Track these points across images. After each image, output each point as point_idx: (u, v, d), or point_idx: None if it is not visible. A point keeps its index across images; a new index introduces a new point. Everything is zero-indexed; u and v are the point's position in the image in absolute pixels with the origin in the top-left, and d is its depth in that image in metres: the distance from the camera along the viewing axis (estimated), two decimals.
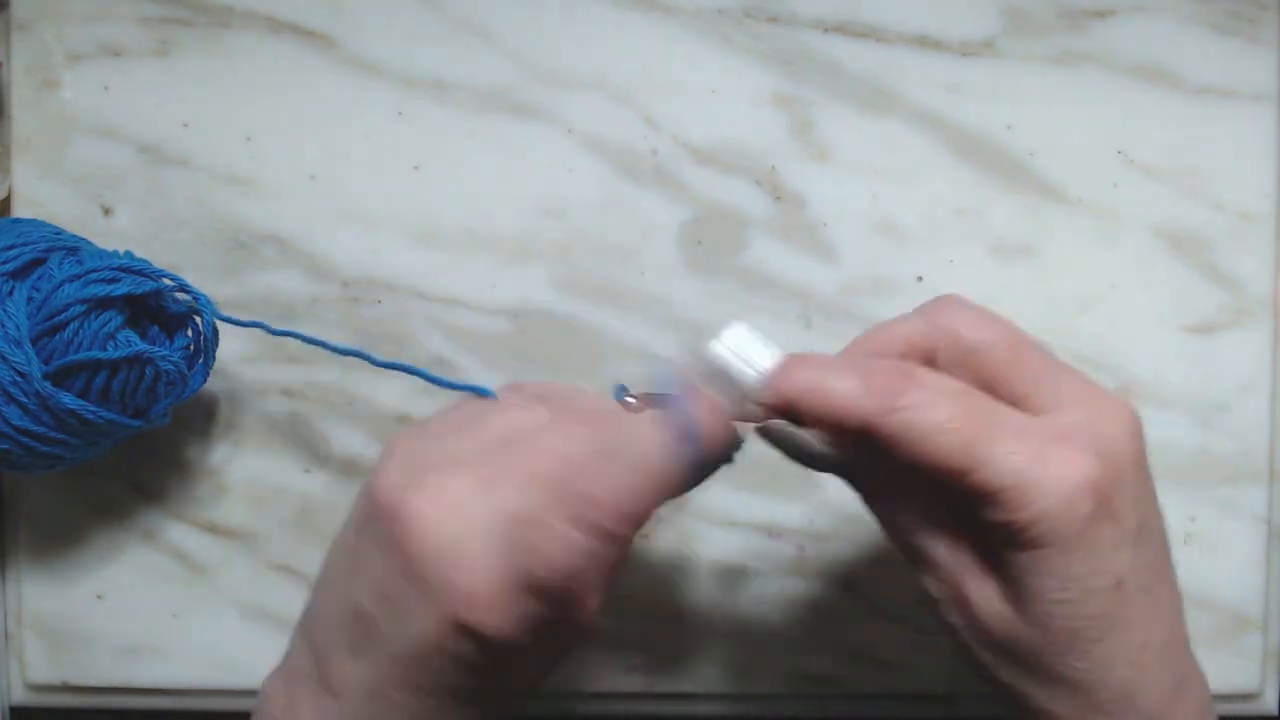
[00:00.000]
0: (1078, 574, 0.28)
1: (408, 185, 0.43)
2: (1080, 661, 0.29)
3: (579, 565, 0.27)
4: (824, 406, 0.29)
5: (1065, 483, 0.27)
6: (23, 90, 0.43)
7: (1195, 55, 0.43)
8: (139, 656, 0.44)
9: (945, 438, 0.28)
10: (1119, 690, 0.29)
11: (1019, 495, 0.27)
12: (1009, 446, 0.28)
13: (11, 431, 0.36)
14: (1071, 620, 0.28)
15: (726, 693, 0.44)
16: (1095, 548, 0.28)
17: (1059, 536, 0.28)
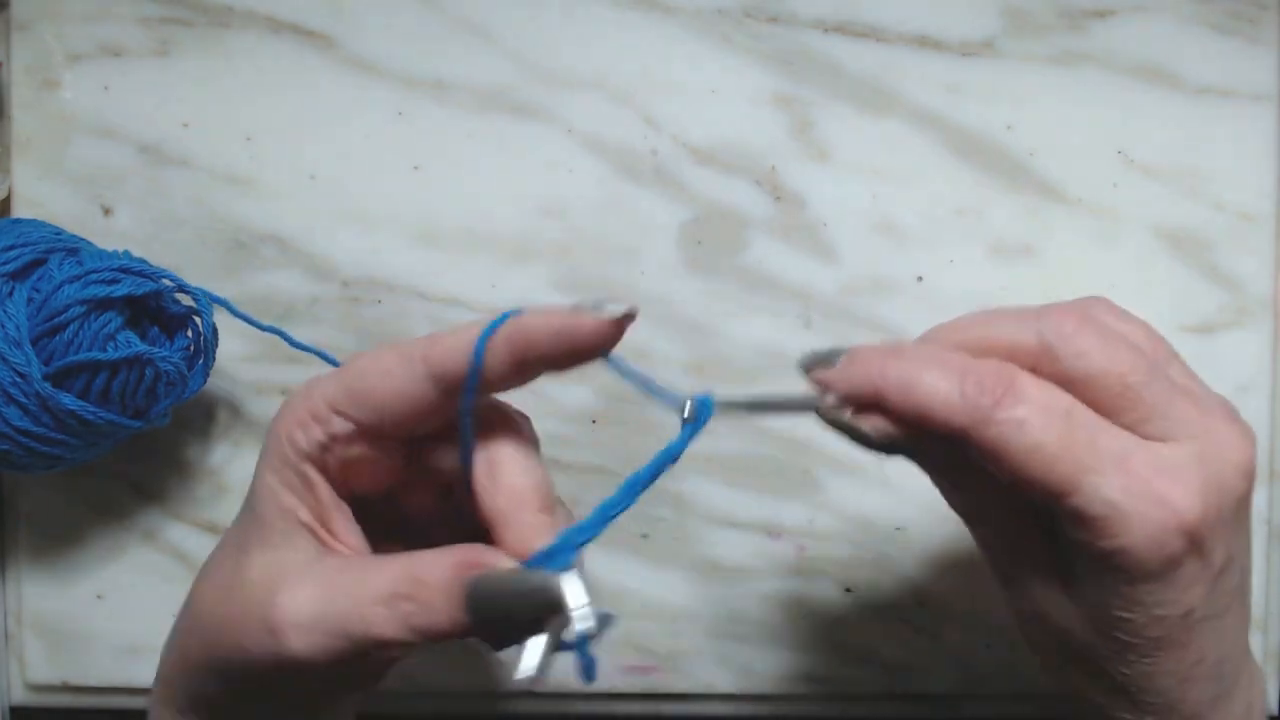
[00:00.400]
0: (1150, 602, 0.27)
1: (408, 185, 0.43)
2: (1128, 669, 0.29)
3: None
4: (915, 407, 0.27)
5: (1159, 522, 0.26)
6: (23, 90, 0.43)
7: (1195, 55, 0.43)
8: (139, 656, 0.44)
9: (1042, 458, 0.26)
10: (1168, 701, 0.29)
11: (1109, 526, 0.26)
12: (1108, 477, 0.26)
13: (11, 432, 0.36)
14: (1130, 636, 0.28)
15: (726, 693, 0.44)
16: (1173, 584, 0.27)
17: (1140, 571, 0.27)
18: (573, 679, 0.27)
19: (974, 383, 0.27)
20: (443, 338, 0.29)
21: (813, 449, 0.43)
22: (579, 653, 0.26)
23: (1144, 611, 0.28)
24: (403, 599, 0.27)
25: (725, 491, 0.43)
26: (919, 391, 0.27)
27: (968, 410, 0.27)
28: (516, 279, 0.43)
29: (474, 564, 0.27)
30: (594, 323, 0.28)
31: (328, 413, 0.29)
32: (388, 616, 0.27)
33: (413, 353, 0.29)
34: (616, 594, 0.44)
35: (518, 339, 0.28)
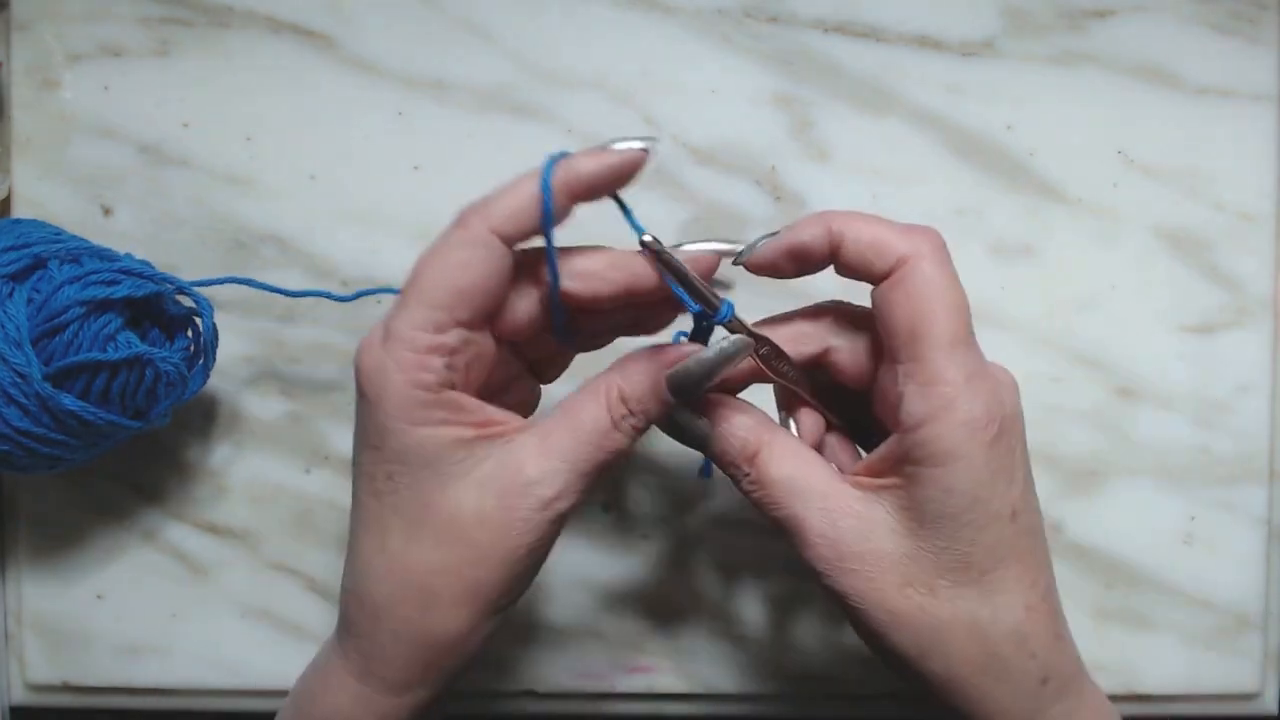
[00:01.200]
0: (982, 495, 0.30)
1: (408, 185, 0.43)
2: (974, 591, 0.30)
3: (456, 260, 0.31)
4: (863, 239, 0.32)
5: (987, 406, 0.30)
6: (23, 90, 0.43)
7: (1195, 55, 0.43)
8: (139, 656, 0.44)
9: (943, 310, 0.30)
10: (1012, 629, 0.30)
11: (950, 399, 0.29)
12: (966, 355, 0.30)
13: (12, 433, 0.36)
14: (970, 545, 0.30)
15: (726, 693, 0.44)
16: (996, 471, 0.30)
17: (968, 452, 0.29)
18: (573, 679, 0.27)
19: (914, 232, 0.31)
20: (497, 203, 0.31)
21: None
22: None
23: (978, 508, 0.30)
24: (625, 417, 0.31)
25: (726, 491, 0.43)
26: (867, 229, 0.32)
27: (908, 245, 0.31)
28: None
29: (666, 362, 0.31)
30: (635, 155, 0.32)
31: (435, 338, 0.30)
32: (622, 437, 0.31)
33: (476, 234, 0.31)
34: (617, 594, 0.44)
35: (575, 183, 0.31)
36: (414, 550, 0.31)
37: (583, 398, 0.32)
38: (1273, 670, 0.44)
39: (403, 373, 0.30)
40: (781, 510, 0.32)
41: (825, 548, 0.31)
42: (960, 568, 0.30)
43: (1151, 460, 0.44)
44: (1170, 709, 0.44)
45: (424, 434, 0.30)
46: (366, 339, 0.31)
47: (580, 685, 0.44)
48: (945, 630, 0.30)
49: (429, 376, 0.30)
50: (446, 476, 0.31)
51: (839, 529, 0.31)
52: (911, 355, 0.30)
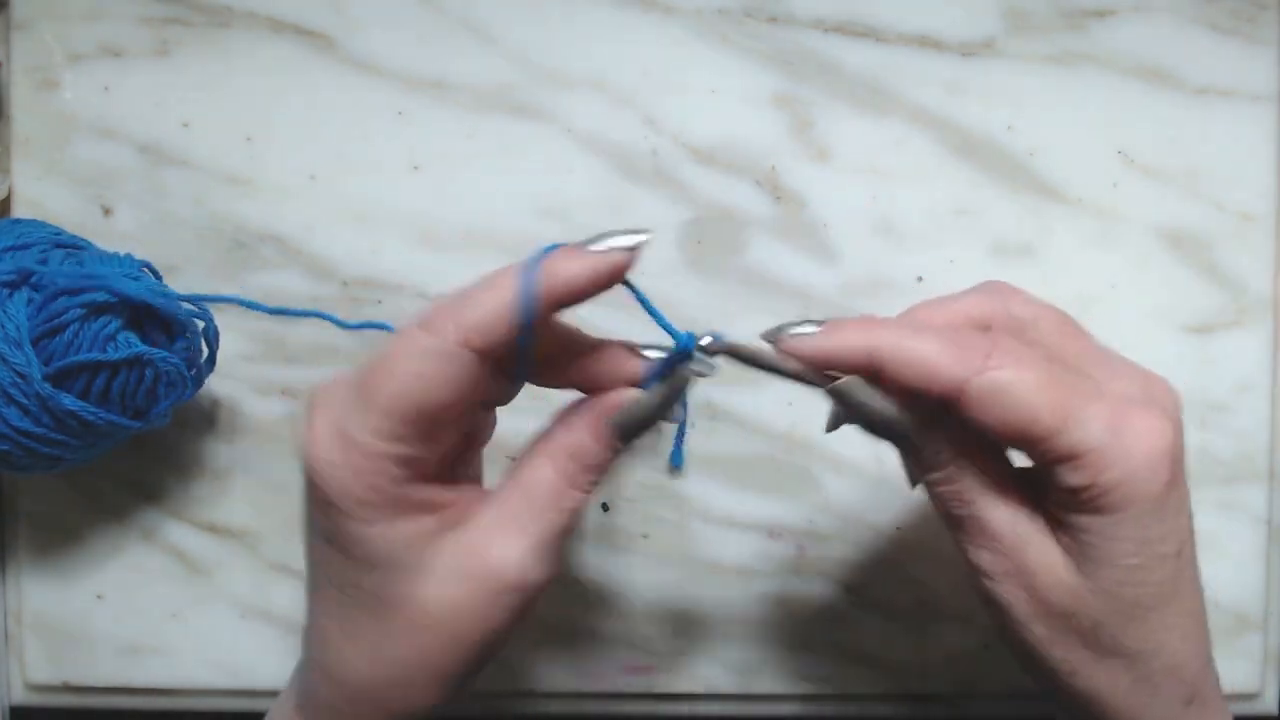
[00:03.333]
0: (1152, 538, 0.28)
1: (408, 185, 0.43)
2: (1138, 630, 0.29)
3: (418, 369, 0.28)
4: (912, 366, 0.28)
5: (1149, 449, 0.28)
6: (23, 90, 0.43)
7: (1195, 55, 0.43)
8: (139, 656, 0.44)
9: (1035, 399, 0.28)
10: (1168, 661, 0.30)
11: (1105, 457, 0.28)
12: (1094, 409, 0.28)
13: (12, 433, 0.36)
14: (1138, 587, 0.29)
15: (726, 693, 0.44)
16: (1168, 512, 0.29)
17: (1140, 500, 0.28)
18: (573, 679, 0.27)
19: (962, 341, 0.29)
20: (470, 309, 0.28)
21: (813, 449, 0.43)
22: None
23: (1148, 551, 0.29)
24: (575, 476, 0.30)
25: (725, 491, 0.43)
26: (914, 353, 0.28)
27: (962, 365, 0.28)
28: None
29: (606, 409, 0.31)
30: (621, 257, 0.29)
31: (391, 446, 0.28)
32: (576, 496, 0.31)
33: (443, 348, 0.28)
34: (616, 594, 0.44)
35: (555, 290, 0.28)
36: (386, 643, 0.30)
37: (532, 462, 0.31)
38: (1273, 670, 0.44)
39: (358, 477, 0.28)
40: (969, 508, 0.30)
41: (1005, 554, 0.30)
42: (1125, 609, 0.29)
43: None
44: None
45: (381, 532, 0.29)
46: (313, 429, 0.29)
47: (580, 685, 0.44)
48: (1100, 659, 0.30)
49: (382, 481, 0.29)
50: (411, 571, 0.29)
51: (1021, 540, 0.30)
52: (1039, 451, 0.29)
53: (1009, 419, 0.28)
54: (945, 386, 0.28)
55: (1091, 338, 0.32)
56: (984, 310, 0.31)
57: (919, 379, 0.28)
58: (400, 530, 0.29)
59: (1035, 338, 0.31)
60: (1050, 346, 0.30)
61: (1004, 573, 0.30)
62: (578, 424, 0.31)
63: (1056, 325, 0.31)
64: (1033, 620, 0.30)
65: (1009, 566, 0.30)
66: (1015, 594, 0.30)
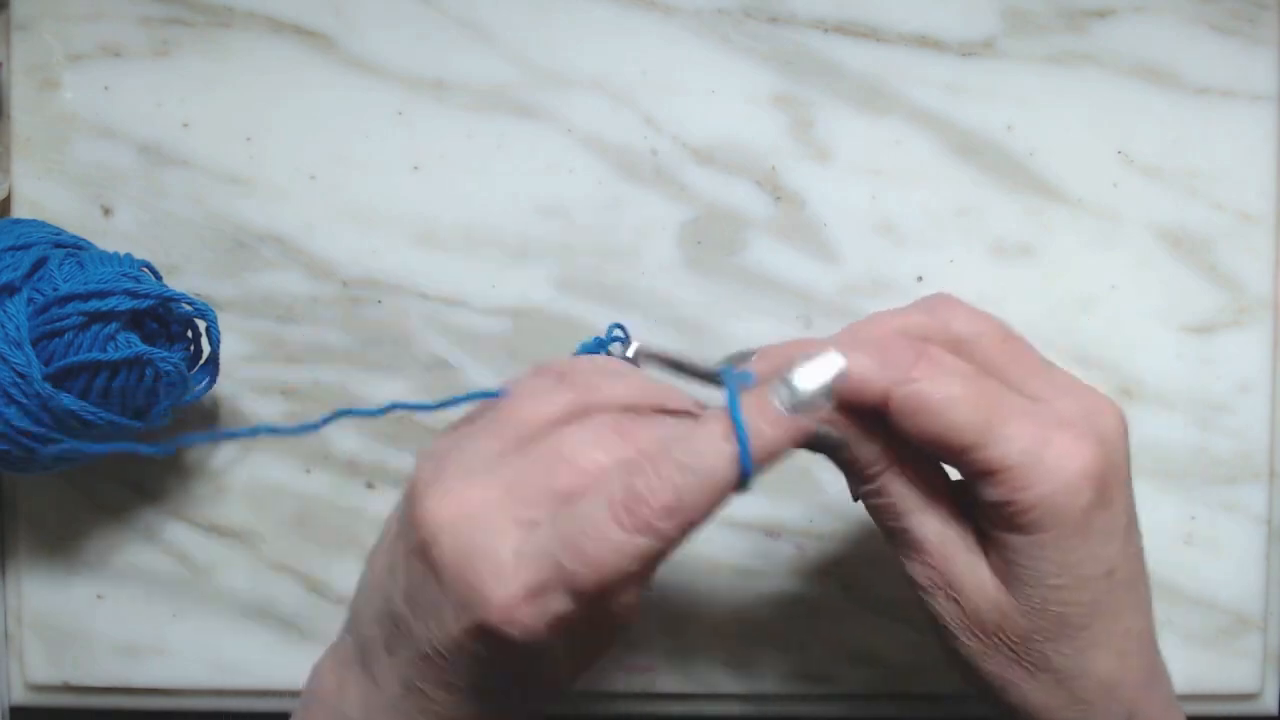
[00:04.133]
0: (1074, 560, 0.29)
1: (408, 185, 0.43)
2: (1067, 648, 0.29)
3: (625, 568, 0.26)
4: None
5: (1069, 469, 0.28)
6: (23, 90, 0.43)
7: (1195, 55, 0.43)
8: (139, 656, 0.44)
9: (957, 412, 0.28)
10: (1102, 680, 0.30)
11: (1024, 476, 0.28)
12: (1017, 427, 0.28)
13: (12, 432, 0.36)
14: (1063, 606, 0.29)
15: (726, 693, 0.44)
16: (1091, 535, 0.29)
17: (1059, 521, 0.28)
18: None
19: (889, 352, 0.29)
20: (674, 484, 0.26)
21: None
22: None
23: (1072, 572, 0.29)
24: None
25: None
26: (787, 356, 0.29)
27: (887, 375, 0.29)
28: (516, 279, 0.43)
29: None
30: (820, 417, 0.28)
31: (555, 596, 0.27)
32: None
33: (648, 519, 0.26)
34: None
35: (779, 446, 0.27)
36: None
37: None
38: (1273, 670, 0.44)
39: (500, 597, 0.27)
40: (900, 522, 0.31)
41: (935, 569, 0.30)
42: (1052, 627, 0.29)
43: (1151, 460, 0.44)
44: None
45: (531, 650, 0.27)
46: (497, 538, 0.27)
47: (580, 685, 0.44)
48: (1032, 675, 0.30)
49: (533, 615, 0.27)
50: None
51: (951, 556, 0.30)
52: (962, 464, 0.29)
53: (930, 429, 0.29)
54: (871, 396, 0.29)
55: (1036, 354, 0.31)
56: (922, 325, 0.31)
57: (847, 390, 0.29)
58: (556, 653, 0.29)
59: (973, 353, 0.31)
60: (989, 362, 0.30)
61: (934, 585, 0.31)
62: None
63: (998, 341, 0.31)
64: (963, 633, 0.30)
65: (939, 579, 0.31)
66: (946, 606, 0.31)
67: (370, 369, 0.43)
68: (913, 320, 0.31)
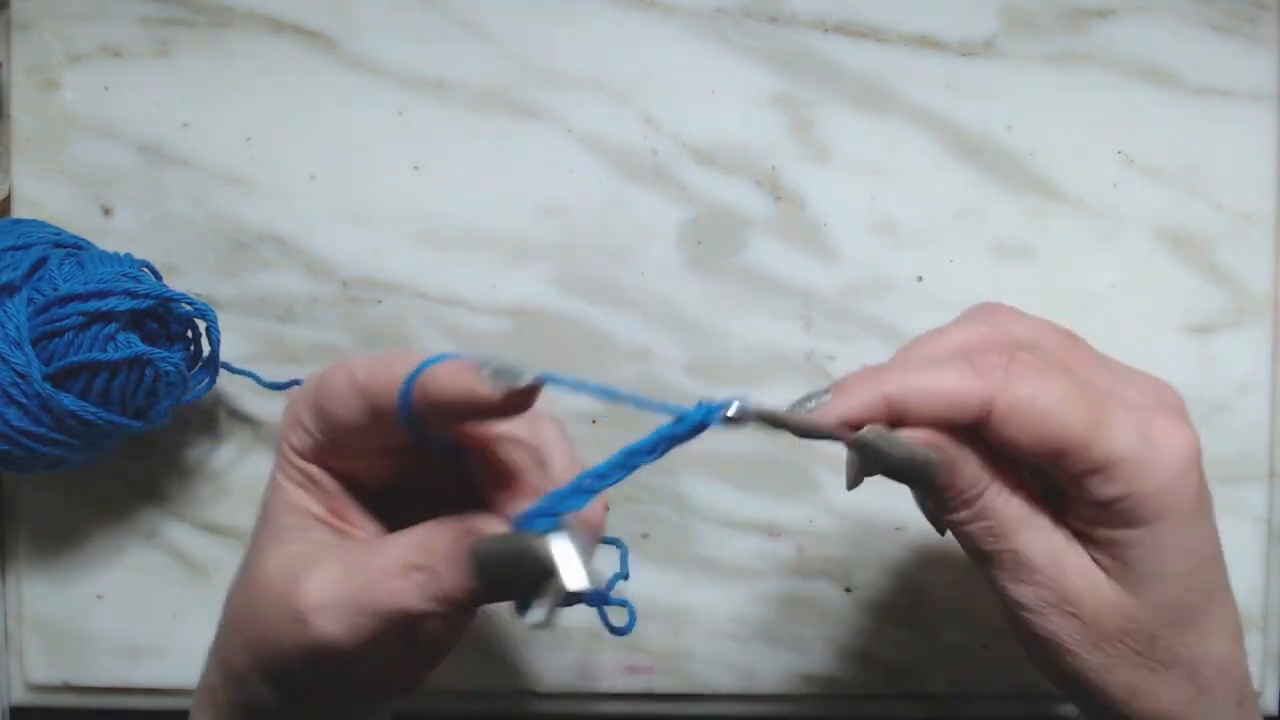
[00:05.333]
0: (1194, 544, 0.28)
1: (408, 185, 0.43)
2: (1192, 636, 0.29)
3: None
4: (933, 398, 0.28)
5: (1181, 454, 0.28)
6: (23, 90, 0.43)
7: (1195, 55, 0.43)
8: (139, 656, 0.44)
9: (1064, 412, 0.27)
10: (1220, 663, 0.30)
11: (1138, 468, 0.27)
12: (1121, 419, 0.28)
13: (11, 432, 0.36)
14: (1189, 593, 0.29)
15: (726, 693, 0.44)
16: (1203, 516, 0.28)
17: (1179, 507, 0.28)
18: (573, 679, 0.27)
19: (976, 362, 0.28)
20: (385, 368, 0.28)
21: (813, 449, 0.43)
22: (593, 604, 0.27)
23: (1193, 556, 0.28)
24: (415, 569, 0.27)
25: (725, 491, 0.43)
26: (931, 385, 0.28)
27: (983, 385, 0.27)
28: (516, 279, 0.43)
29: (472, 530, 0.27)
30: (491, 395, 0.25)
31: (308, 419, 0.30)
32: (404, 587, 0.27)
33: (357, 378, 0.28)
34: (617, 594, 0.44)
35: (426, 400, 0.26)
36: (236, 586, 0.31)
37: (401, 533, 0.28)
38: (1273, 670, 0.44)
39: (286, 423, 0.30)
40: (1003, 544, 0.29)
41: (1047, 586, 0.29)
42: (1178, 618, 0.29)
43: None
44: None
45: (279, 481, 0.31)
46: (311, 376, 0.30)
47: (580, 685, 0.44)
48: (1163, 674, 0.29)
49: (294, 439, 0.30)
50: (272, 536, 0.30)
51: (1062, 569, 0.29)
52: (1071, 464, 0.28)
53: (1040, 432, 0.27)
54: (972, 410, 0.28)
55: (1093, 349, 0.31)
56: (984, 336, 0.30)
57: (944, 409, 0.28)
58: (294, 495, 0.30)
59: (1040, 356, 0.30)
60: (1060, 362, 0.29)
61: (1047, 604, 0.30)
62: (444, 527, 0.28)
63: (1058, 341, 0.30)
64: (1085, 649, 0.29)
65: (1052, 598, 0.29)
66: (1063, 624, 0.29)
67: None
68: (975, 332, 0.30)
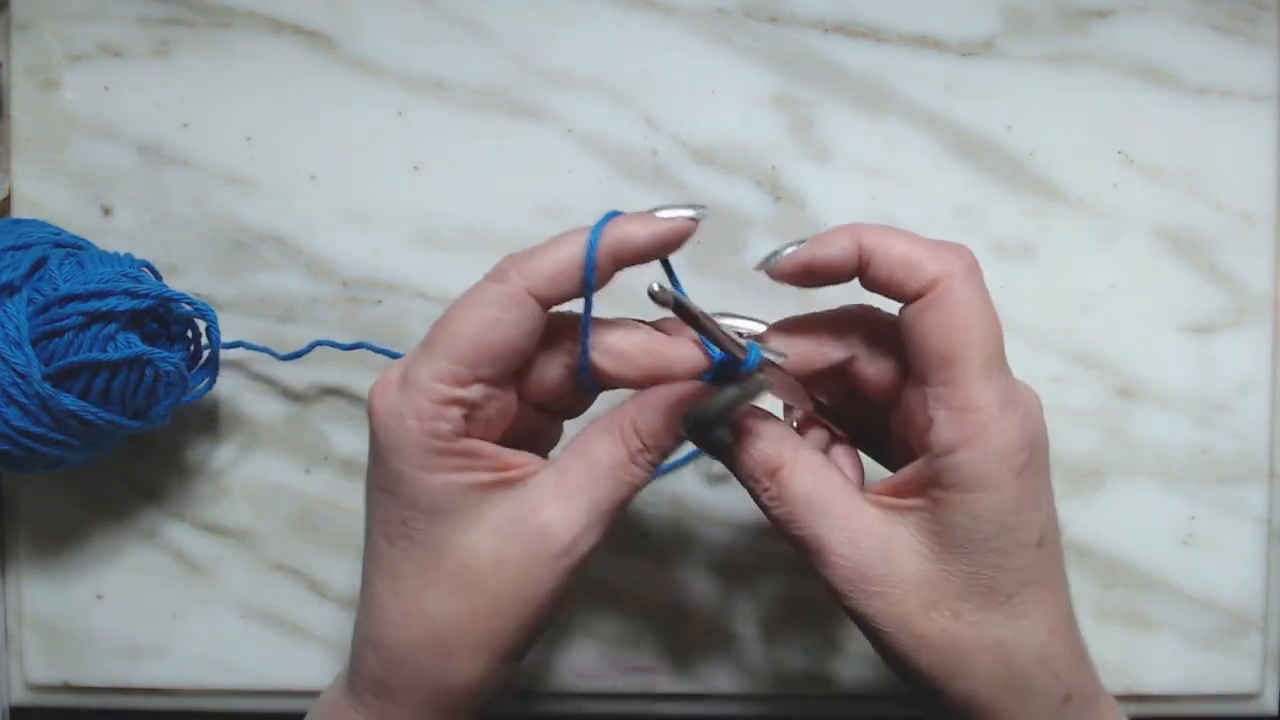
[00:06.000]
0: (1010, 523, 0.29)
1: (408, 185, 0.43)
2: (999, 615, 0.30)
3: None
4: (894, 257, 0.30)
5: (1020, 431, 0.29)
6: (23, 90, 0.43)
7: (1195, 55, 0.43)
8: (139, 656, 0.44)
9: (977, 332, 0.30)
10: (1036, 652, 0.30)
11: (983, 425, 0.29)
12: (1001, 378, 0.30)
13: (11, 432, 0.36)
14: (998, 571, 0.30)
15: (727, 693, 0.44)
16: (1025, 498, 0.29)
17: (1000, 479, 0.29)
18: (574, 679, 0.27)
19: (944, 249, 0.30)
20: (539, 261, 0.30)
21: None
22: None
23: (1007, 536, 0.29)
24: (641, 451, 0.31)
25: (726, 491, 0.43)
26: (898, 247, 0.30)
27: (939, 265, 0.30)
28: None
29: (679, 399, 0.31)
30: (685, 225, 0.31)
31: (455, 391, 0.29)
32: (637, 472, 0.31)
33: (513, 292, 0.29)
34: (616, 594, 0.44)
35: (622, 250, 0.30)
36: (430, 599, 0.30)
37: (597, 433, 0.31)
38: (1273, 670, 0.44)
39: (419, 421, 0.29)
40: (802, 529, 0.31)
41: (847, 569, 0.30)
42: (985, 592, 0.30)
43: (1152, 460, 0.44)
44: (1170, 709, 0.44)
45: (439, 480, 0.30)
46: (381, 381, 0.30)
47: (580, 685, 0.44)
48: (971, 653, 0.30)
49: (445, 426, 0.29)
50: (463, 523, 0.30)
51: (861, 550, 0.30)
52: (944, 380, 0.29)
53: (949, 333, 0.29)
54: (922, 282, 0.29)
55: None
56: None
57: (900, 272, 0.30)
58: (457, 481, 0.30)
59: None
60: None
61: (855, 586, 0.30)
62: (650, 406, 0.31)
63: None
64: (896, 628, 0.30)
65: (858, 578, 0.30)
66: (870, 604, 0.30)
67: (370, 369, 0.43)
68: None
